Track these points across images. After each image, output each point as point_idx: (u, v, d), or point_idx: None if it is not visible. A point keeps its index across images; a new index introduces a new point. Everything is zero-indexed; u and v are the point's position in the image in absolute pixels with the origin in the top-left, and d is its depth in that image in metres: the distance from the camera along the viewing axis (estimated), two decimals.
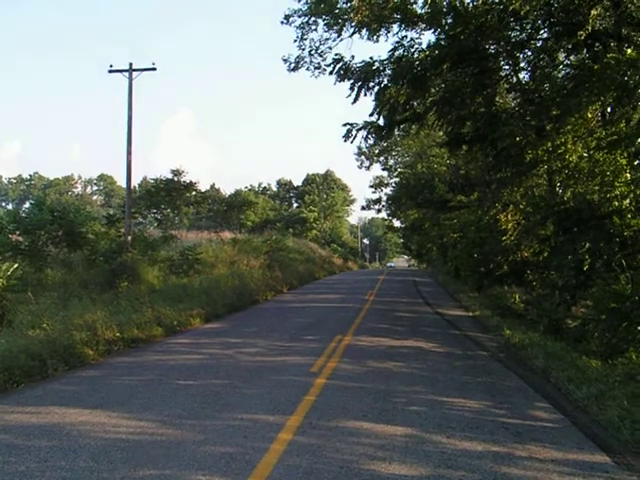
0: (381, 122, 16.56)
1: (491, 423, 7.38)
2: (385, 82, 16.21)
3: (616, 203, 13.08)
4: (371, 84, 16.24)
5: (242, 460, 5.88)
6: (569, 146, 13.83)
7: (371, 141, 24.05)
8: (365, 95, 16.16)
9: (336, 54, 16.69)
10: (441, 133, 24.66)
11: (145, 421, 7.25)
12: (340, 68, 16.26)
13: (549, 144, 13.92)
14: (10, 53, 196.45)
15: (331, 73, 16.62)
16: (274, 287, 28.08)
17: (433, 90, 16.86)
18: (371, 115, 16.05)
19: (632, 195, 12.63)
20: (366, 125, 16.31)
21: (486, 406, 8.26)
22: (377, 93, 16.18)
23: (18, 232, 20.78)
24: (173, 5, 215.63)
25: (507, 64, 17.84)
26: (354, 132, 16.32)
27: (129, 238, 24.34)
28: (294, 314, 19.36)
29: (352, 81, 16.15)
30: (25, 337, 11.42)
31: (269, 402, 8.15)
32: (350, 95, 16.03)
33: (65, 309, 14.62)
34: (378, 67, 16.21)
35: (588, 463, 6.10)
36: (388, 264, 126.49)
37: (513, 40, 16.26)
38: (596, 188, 13.95)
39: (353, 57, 16.47)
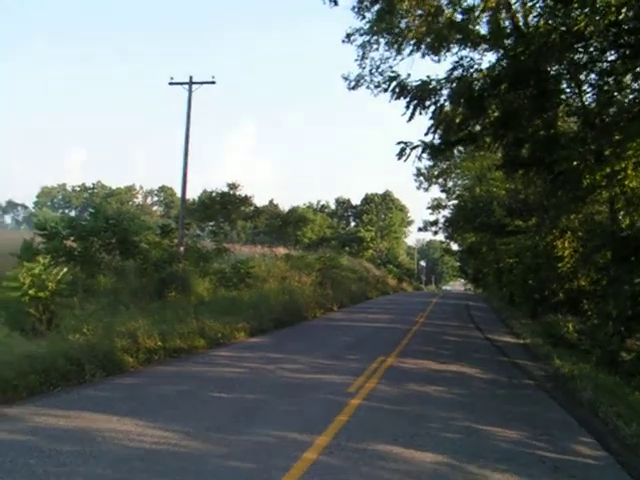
0: (436, 142, 16.32)
1: (527, 455, 7.05)
2: (441, 101, 15.98)
3: None
4: (427, 103, 16.02)
5: (261, 478, 5.74)
6: (629, 172, 13.35)
7: (425, 160, 23.82)
8: (420, 114, 15.93)
9: (392, 72, 16.55)
10: (500, 155, 24.29)
11: (171, 432, 7.17)
12: (396, 86, 16.08)
13: (608, 169, 13.45)
14: (80, 64, 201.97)
15: (385, 91, 16.48)
16: (324, 305, 27.92)
17: (490, 111, 16.54)
18: (426, 134, 15.82)
19: None
20: (420, 144, 16.08)
21: (525, 437, 7.91)
22: (433, 112, 15.95)
23: (72, 238, 21.10)
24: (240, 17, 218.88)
25: (569, 86, 17.42)
26: (408, 151, 16.08)
27: (181, 249, 24.57)
28: (340, 332, 19.18)
29: (408, 99, 15.95)
30: (65, 341, 11.52)
31: (299, 420, 7.99)
32: (405, 113, 15.84)
33: (111, 316, 14.75)
34: (435, 86, 15.99)
35: None
36: (443, 287, 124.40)
37: (576, 62, 15.85)
38: None
39: (409, 75, 16.25)
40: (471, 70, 16.30)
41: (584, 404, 10.59)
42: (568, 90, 17.46)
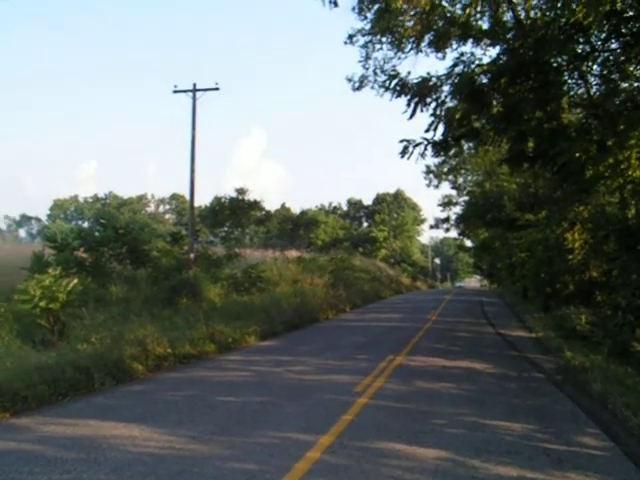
0: (438, 138, 16.27)
1: (532, 448, 7.02)
2: (442, 98, 15.96)
3: None
4: (428, 100, 16.01)
5: (262, 478, 5.76)
6: (633, 161, 13.26)
7: (434, 158, 23.77)
8: (422, 111, 15.90)
9: (392, 70, 16.57)
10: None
11: (176, 436, 7.22)
12: (396, 84, 16.09)
13: (611, 159, 13.38)
14: (86, 73, 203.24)
15: (387, 89, 16.50)
16: (336, 306, 27.95)
17: (492, 106, 16.48)
18: (427, 131, 15.74)
19: None
20: (423, 142, 16.04)
21: (531, 430, 7.88)
22: (434, 109, 15.93)
23: (83, 249, 21.26)
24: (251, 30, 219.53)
25: (570, 77, 17.33)
26: (411, 148, 16.04)
27: (191, 255, 24.68)
28: (352, 333, 19.20)
29: (409, 97, 15.94)
30: (74, 351, 11.62)
31: (305, 421, 8.01)
32: (406, 111, 15.83)
33: (121, 324, 14.84)
34: (435, 83, 15.98)
35: None
36: (456, 284, 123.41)
37: (578, 53, 15.77)
38: None
39: (409, 73, 16.26)
40: (472, 65, 16.28)
41: (594, 396, 10.52)
42: (571, 81, 17.37)
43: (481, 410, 8.97)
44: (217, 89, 25.46)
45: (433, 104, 15.98)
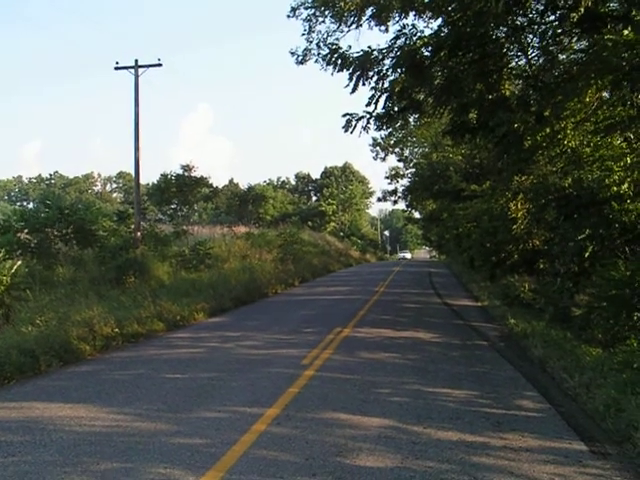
0: (380, 111, 16.33)
1: (472, 413, 7.25)
2: (384, 71, 16.01)
3: (615, 188, 12.85)
4: (370, 73, 16.04)
5: (207, 453, 5.83)
6: (568, 131, 13.58)
7: (373, 131, 23.84)
8: (364, 85, 15.88)
9: (332, 44, 16.51)
10: None
11: (123, 414, 7.24)
12: (337, 58, 16.07)
13: (548, 130, 13.66)
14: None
15: (328, 63, 16.47)
16: (285, 280, 28.04)
17: (434, 79, 16.61)
18: (367, 105, 15.81)
19: (629, 180, 12.37)
20: (365, 115, 16.09)
21: (472, 396, 8.12)
22: (375, 82, 15.98)
23: (26, 230, 20.85)
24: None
25: (510, 50, 17.55)
26: (354, 122, 16.08)
27: (138, 234, 24.44)
28: (300, 307, 19.32)
29: (350, 71, 15.95)
30: (19, 334, 11.47)
31: (251, 394, 8.10)
32: (348, 85, 15.84)
33: (69, 306, 14.67)
34: (377, 56, 16.01)
35: (563, 452, 5.96)
36: (399, 255, 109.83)
37: (516, 25, 15.97)
38: (595, 174, 13.71)
39: (350, 47, 16.24)
40: (414, 39, 16.34)
41: (534, 361, 10.87)
42: (511, 54, 17.59)
43: (424, 378, 9.19)
44: (160, 65, 25.06)
45: (375, 78, 16.03)
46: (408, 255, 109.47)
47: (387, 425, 6.74)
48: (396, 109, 16.42)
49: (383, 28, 20.29)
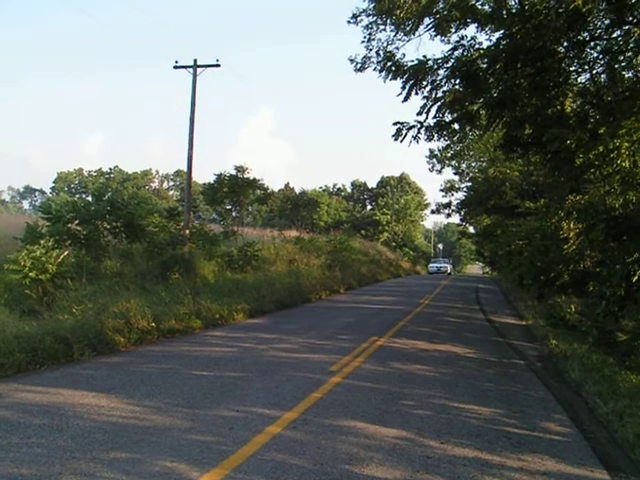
0: (430, 121, 16.18)
1: (494, 432, 7.04)
2: (437, 81, 15.87)
3: None
4: (424, 83, 15.92)
5: (217, 450, 5.81)
6: (622, 150, 13.17)
7: (429, 143, 23.67)
8: (417, 94, 15.80)
9: (387, 51, 16.44)
10: None
11: (142, 407, 7.30)
12: (391, 65, 16.01)
13: (601, 148, 13.28)
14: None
15: (381, 71, 16.42)
16: (331, 287, 27.99)
17: (489, 91, 16.38)
18: (419, 114, 15.68)
19: None
20: (416, 124, 15.95)
21: (497, 415, 7.90)
22: (429, 92, 15.85)
23: (77, 222, 21.25)
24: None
25: (570, 65, 17.18)
26: (404, 131, 15.97)
27: (187, 231, 24.69)
28: (340, 314, 19.23)
29: (404, 79, 15.86)
30: (56, 321, 11.68)
31: (273, 396, 8.06)
32: (401, 94, 15.75)
33: (110, 297, 14.90)
34: (432, 66, 15.87)
35: (582, 479, 5.74)
36: (432, 266, 74.50)
37: (577, 40, 15.62)
38: None
39: (404, 55, 16.20)
40: (472, 50, 16.15)
41: (570, 384, 10.58)
42: (572, 69, 17.22)
43: (452, 393, 9.00)
44: (218, 65, 25.31)
45: (428, 87, 15.90)
46: (448, 266, 75.42)
47: (403, 437, 6.60)
48: (447, 120, 16.25)
49: (445, 39, 20.11)
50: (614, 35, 15.57)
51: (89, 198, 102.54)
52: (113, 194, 30.95)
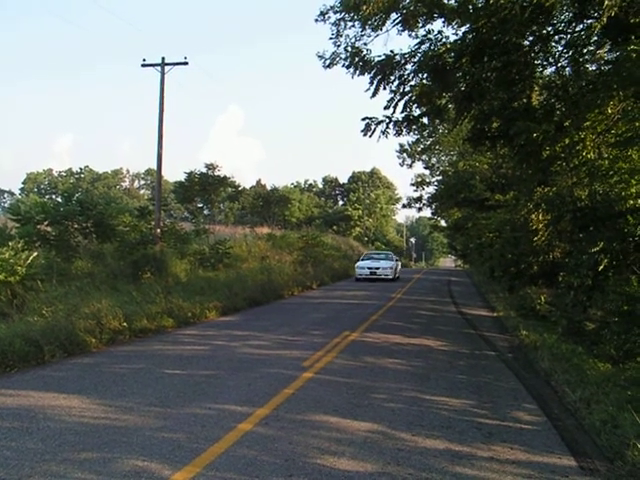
0: (398, 116, 16.25)
1: (465, 423, 7.12)
2: (405, 75, 15.94)
3: (631, 202, 12.63)
4: (391, 77, 15.98)
5: (189, 448, 5.81)
6: (587, 142, 13.37)
7: (399, 138, 23.77)
8: (384, 89, 15.87)
9: (353, 47, 16.46)
10: None
11: (114, 407, 7.26)
12: (358, 61, 16.05)
13: (567, 140, 13.46)
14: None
15: (349, 67, 16.44)
16: (303, 283, 28.00)
17: (457, 85, 16.49)
18: (386, 108, 15.75)
19: None
20: (385, 119, 16.01)
21: (468, 406, 7.98)
22: (396, 87, 15.92)
23: (46, 223, 21.05)
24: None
25: (535, 59, 17.35)
26: (373, 126, 16.04)
27: (158, 230, 24.57)
28: (313, 310, 19.26)
29: (372, 75, 15.91)
30: (26, 323, 11.56)
31: (245, 393, 8.07)
32: (369, 89, 15.80)
33: (80, 298, 14.77)
34: (399, 60, 15.94)
35: (551, 466, 5.83)
36: (359, 266, 38.35)
37: (541, 34, 15.78)
38: (613, 187, 13.48)
39: (370, 51, 16.21)
40: (439, 44, 16.24)
41: (540, 373, 10.70)
42: (538, 62, 17.39)
43: (424, 386, 9.07)
44: (186, 63, 25.21)
45: (396, 82, 15.97)
46: (390, 265, 39.00)
47: (375, 430, 6.65)
48: (416, 114, 16.34)
49: (412, 34, 20.19)
50: (577, 29, 15.76)
51: (59, 199, 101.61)
52: (83, 194, 30.71)
